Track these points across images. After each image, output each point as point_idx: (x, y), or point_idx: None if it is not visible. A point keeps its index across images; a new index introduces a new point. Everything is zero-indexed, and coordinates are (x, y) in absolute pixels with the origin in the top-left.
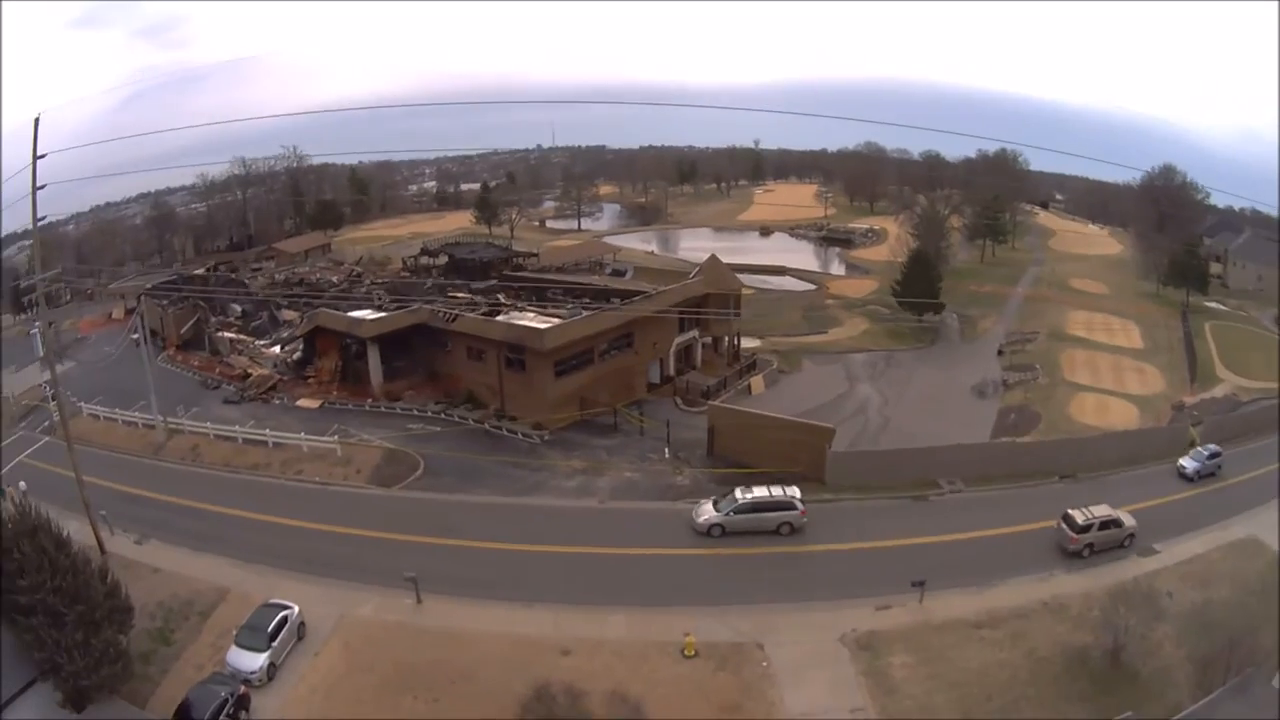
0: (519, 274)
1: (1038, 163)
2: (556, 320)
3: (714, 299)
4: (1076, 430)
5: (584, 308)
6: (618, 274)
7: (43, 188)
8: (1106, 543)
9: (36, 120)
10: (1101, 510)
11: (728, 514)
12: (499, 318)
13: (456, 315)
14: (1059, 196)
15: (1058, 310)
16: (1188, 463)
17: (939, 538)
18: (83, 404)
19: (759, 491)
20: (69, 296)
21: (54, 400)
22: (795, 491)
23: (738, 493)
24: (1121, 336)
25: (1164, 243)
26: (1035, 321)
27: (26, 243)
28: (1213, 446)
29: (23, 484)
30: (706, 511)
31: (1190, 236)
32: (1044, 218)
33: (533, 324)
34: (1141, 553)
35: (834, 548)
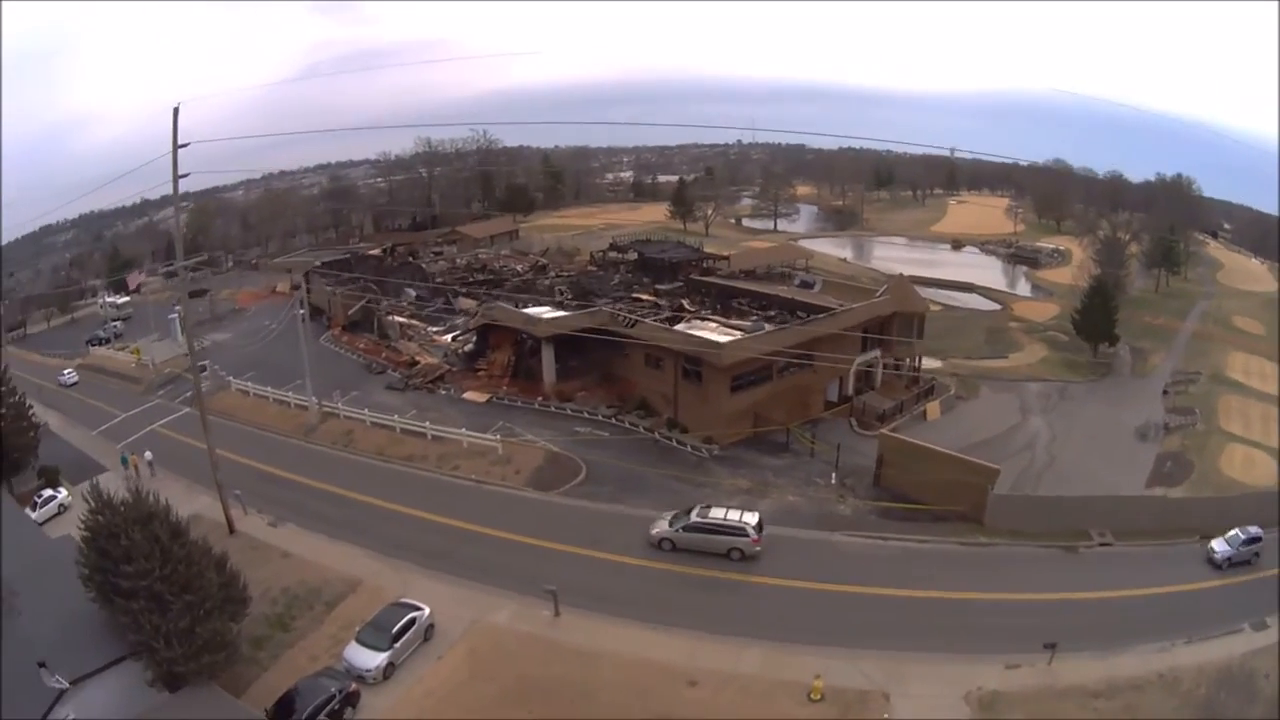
0: (707, 279)
1: (1209, 189)
2: (737, 334)
3: (899, 319)
4: (1224, 484)
5: (767, 320)
6: (806, 285)
7: (185, 175)
8: None
9: (176, 110)
10: None
11: (677, 530)
12: (679, 326)
13: (636, 321)
14: (1226, 226)
15: (1220, 350)
16: (1220, 546)
17: (1080, 594)
18: (232, 378)
19: (716, 513)
20: (230, 264)
21: (194, 374)
22: (751, 519)
23: (695, 511)
24: (1273, 383)
25: None
26: (1199, 361)
27: (184, 204)
28: (1253, 529)
29: (149, 454)
30: (660, 525)
31: None
32: (1213, 248)
33: (712, 335)
34: (1255, 626)
35: (979, 596)
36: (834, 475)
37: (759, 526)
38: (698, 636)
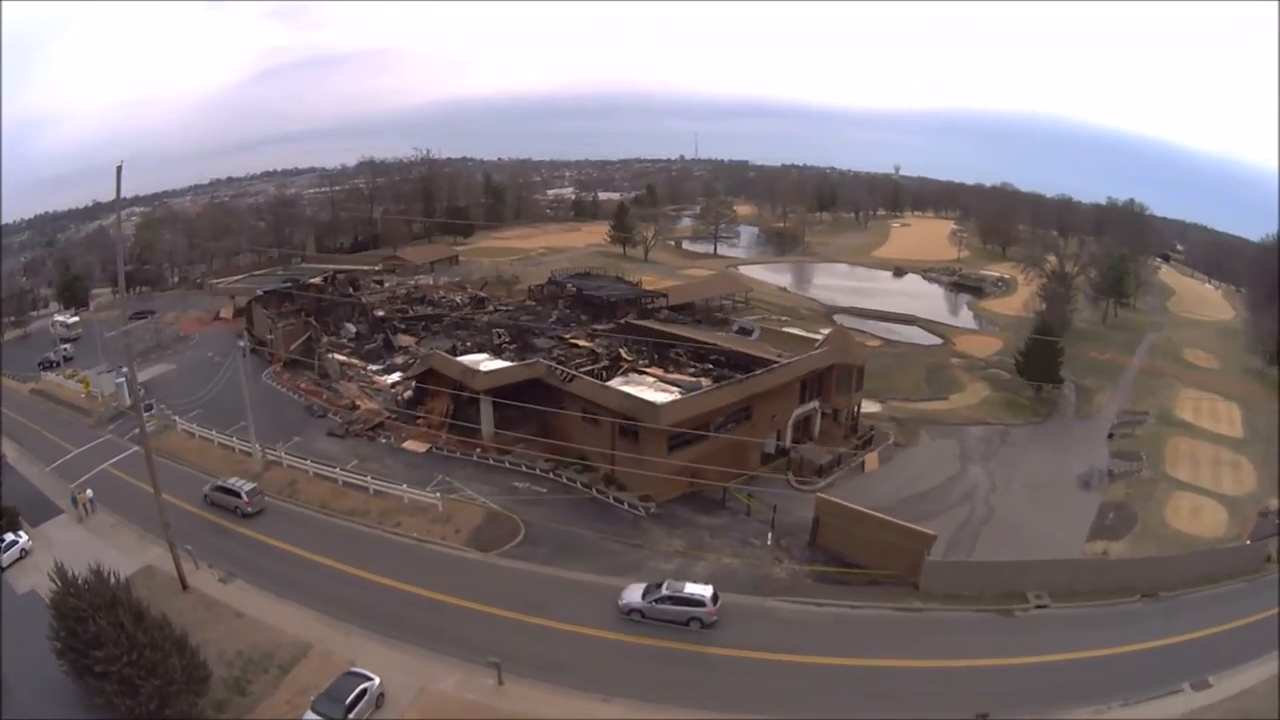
0: (644, 323)
1: (1161, 209)
2: (675, 390)
3: (837, 369)
4: (1169, 536)
5: (704, 373)
6: (744, 332)
7: (132, 239)
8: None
9: (119, 169)
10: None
11: (210, 490)
12: (616, 380)
13: (573, 376)
14: (1179, 247)
15: (1169, 387)
16: (629, 596)
17: (1015, 659)
18: (177, 417)
19: (231, 481)
20: (176, 279)
21: (142, 435)
22: (247, 486)
23: (220, 481)
24: (1225, 422)
25: (1274, 314)
26: (1147, 399)
27: (137, 208)
28: (698, 590)
29: (90, 492)
30: (207, 487)
31: None
32: (1164, 273)
33: (650, 394)
34: (1196, 686)
35: (913, 664)
36: (770, 535)
37: (252, 493)
38: (634, 704)
